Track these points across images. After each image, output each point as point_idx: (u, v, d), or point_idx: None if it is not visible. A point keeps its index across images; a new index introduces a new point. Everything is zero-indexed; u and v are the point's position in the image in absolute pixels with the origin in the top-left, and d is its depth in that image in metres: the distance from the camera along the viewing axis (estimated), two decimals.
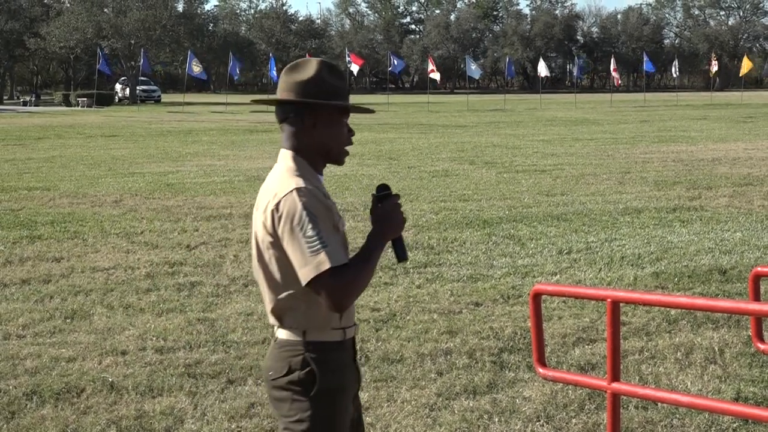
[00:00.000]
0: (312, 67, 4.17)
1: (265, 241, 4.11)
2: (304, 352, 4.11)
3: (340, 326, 4.17)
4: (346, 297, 3.94)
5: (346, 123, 4.23)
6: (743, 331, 9.01)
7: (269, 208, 4.06)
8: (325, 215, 4.01)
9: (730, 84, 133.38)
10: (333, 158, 4.26)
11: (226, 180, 22.65)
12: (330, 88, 4.15)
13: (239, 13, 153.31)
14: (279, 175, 4.15)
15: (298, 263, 3.96)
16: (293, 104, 4.16)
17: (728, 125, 45.82)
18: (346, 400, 4.22)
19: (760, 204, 17.57)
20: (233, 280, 11.63)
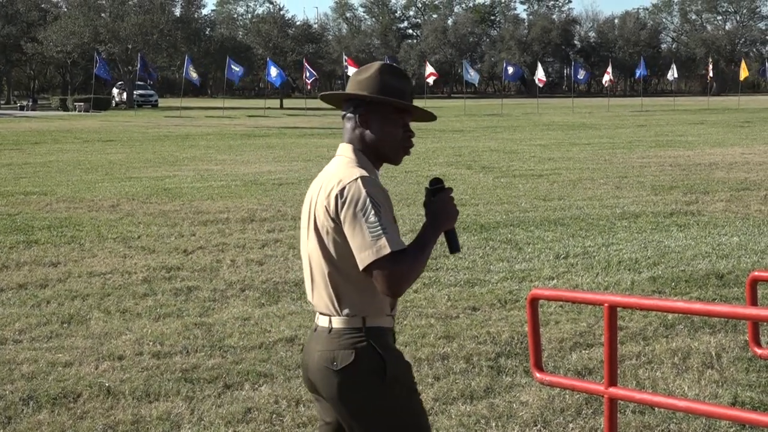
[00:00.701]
0: (372, 68, 4.29)
1: (326, 227, 4.15)
2: (368, 338, 4.15)
3: (390, 313, 4.27)
4: (403, 282, 3.99)
5: (403, 123, 4.27)
6: (740, 335, 9.01)
7: (333, 193, 4.11)
8: (387, 205, 4.07)
9: (727, 88, 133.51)
10: (387, 157, 4.33)
11: (223, 184, 22.65)
12: (385, 87, 4.22)
13: (236, 17, 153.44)
14: (342, 164, 4.25)
15: (358, 247, 4.02)
16: (350, 99, 4.28)
17: (725, 130, 45.85)
18: (413, 382, 4.27)
19: (757, 208, 17.58)
20: (230, 285, 11.62)
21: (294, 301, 10.83)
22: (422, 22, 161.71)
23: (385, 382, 4.12)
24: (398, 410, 4.16)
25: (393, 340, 4.33)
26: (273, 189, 21.60)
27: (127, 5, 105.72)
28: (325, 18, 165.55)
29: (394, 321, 4.33)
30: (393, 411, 4.15)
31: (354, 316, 4.16)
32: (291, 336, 9.28)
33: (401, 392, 4.17)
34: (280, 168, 27.14)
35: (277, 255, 13.51)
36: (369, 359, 4.12)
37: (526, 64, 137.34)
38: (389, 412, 4.15)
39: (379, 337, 4.17)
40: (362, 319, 4.16)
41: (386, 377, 4.12)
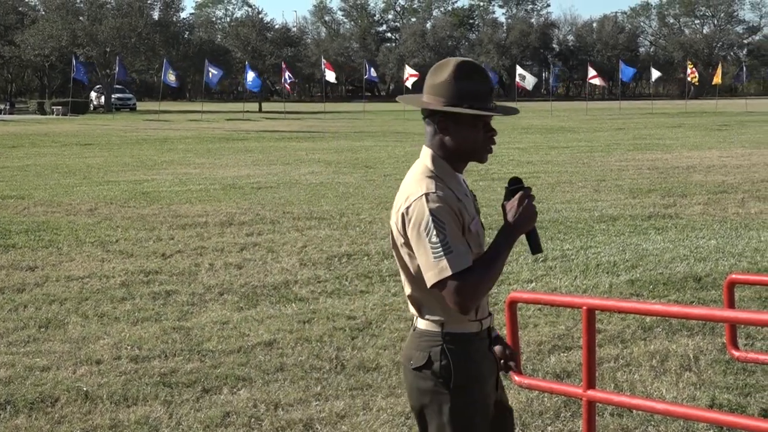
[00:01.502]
0: (447, 70, 4.18)
1: (399, 241, 4.20)
2: (443, 342, 4.18)
3: (476, 318, 4.25)
4: (468, 300, 4.00)
5: (483, 124, 4.19)
6: (718, 338, 9.03)
7: (401, 210, 4.14)
8: (453, 220, 4.05)
9: (704, 92, 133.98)
10: (471, 158, 4.27)
11: (201, 188, 22.60)
12: (461, 93, 4.13)
13: (215, 21, 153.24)
14: (416, 175, 4.22)
15: (423, 267, 4.05)
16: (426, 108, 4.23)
17: (703, 133, 46.02)
18: (484, 389, 4.26)
19: (735, 211, 17.64)
20: (209, 289, 11.60)
21: (272, 304, 10.81)
22: (401, 25, 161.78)
23: (450, 389, 4.17)
24: (455, 421, 4.18)
25: (488, 341, 4.35)
26: (252, 193, 21.57)
27: (105, 8, 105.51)
28: (304, 21, 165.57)
29: (487, 322, 4.34)
30: (450, 420, 4.18)
31: (433, 320, 4.21)
32: (269, 340, 9.27)
33: (464, 404, 4.19)
34: (259, 172, 27.10)
35: (256, 259, 13.49)
36: (439, 364, 4.17)
37: (504, 67, 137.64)
38: (447, 420, 4.18)
39: (456, 343, 4.19)
40: (441, 324, 4.20)
41: (452, 385, 4.16)
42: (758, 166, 27.13)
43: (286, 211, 18.23)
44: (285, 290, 11.53)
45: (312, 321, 10.02)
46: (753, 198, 19.63)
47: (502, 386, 4.51)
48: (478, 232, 4.20)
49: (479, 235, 4.21)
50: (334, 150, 36.61)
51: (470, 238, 4.13)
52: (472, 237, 4.15)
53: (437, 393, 4.18)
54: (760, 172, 25.30)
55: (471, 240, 4.13)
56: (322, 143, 41.30)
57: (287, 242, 14.74)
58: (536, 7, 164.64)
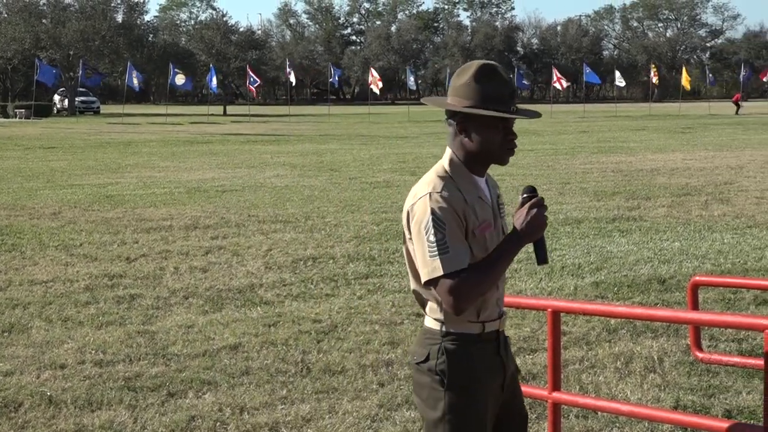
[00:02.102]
0: (469, 72, 4.22)
1: (406, 236, 4.28)
2: (442, 341, 4.24)
3: (477, 320, 4.27)
4: (459, 301, 4.04)
5: (503, 127, 4.20)
6: (682, 339, 9.08)
7: (407, 207, 4.23)
8: (454, 220, 4.09)
9: (668, 95, 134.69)
10: (492, 160, 4.29)
11: (166, 191, 22.53)
12: (482, 95, 4.16)
13: (179, 23, 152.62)
14: (427, 176, 4.27)
15: (419, 264, 4.14)
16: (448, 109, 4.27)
17: (666, 136, 46.28)
18: (481, 392, 4.27)
19: (698, 213, 17.75)
20: (173, 293, 11.56)
21: (238, 308, 10.79)
22: (366, 28, 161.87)
23: (446, 386, 4.22)
24: (449, 419, 4.23)
25: (495, 344, 4.36)
26: (216, 196, 21.52)
27: (69, 11, 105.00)
28: (269, 24, 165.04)
29: (494, 325, 4.33)
30: (443, 417, 4.23)
31: (435, 318, 4.27)
32: (235, 343, 9.24)
33: (459, 403, 4.23)
34: (224, 175, 27.04)
35: (221, 262, 13.46)
36: (436, 362, 4.24)
37: None
38: (440, 417, 4.24)
39: (455, 343, 4.24)
40: (441, 323, 4.25)
41: (446, 383, 4.21)
42: (721, 168, 27.30)
43: (252, 214, 18.20)
44: (250, 294, 11.50)
45: (277, 324, 10.00)
46: (716, 200, 19.75)
47: (514, 392, 4.52)
48: (486, 237, 4.20)
49: (487, 240, 4.21)
50: (299, 153, 36.59)
51: (474, 242, 4.15)
52: (477, 241, 4.16)
53: (433, 389, 4.24)
54: (723, 174, 25.46)
55: (475, 244, 4.15)
56: (287, 146, 41.25)
57: (252, 245, 14.71)
58: (501, 10, 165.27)
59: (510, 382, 4.47)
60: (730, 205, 18.94)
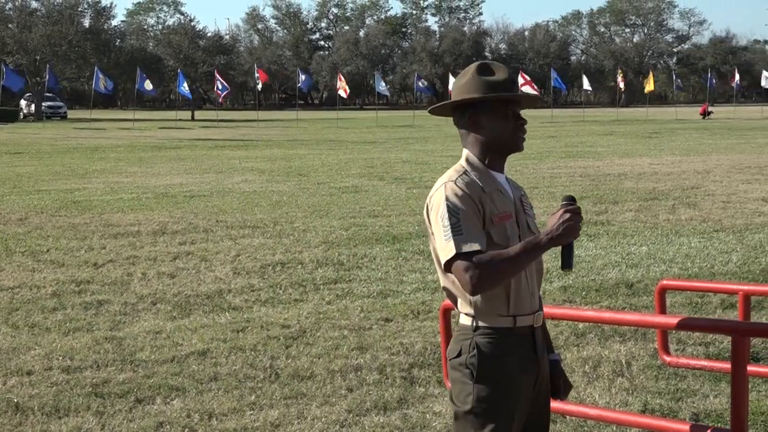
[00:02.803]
0: (470, 70, 4.44)
1: (428, 232, 4.37)
2: (473, 336, 4.30)
3: (508, 314, 4.32)
4: (477, 281, 4.09)
5: (512, 114, 4.37)
6: (650, 343, 9.11)
7: (426, 201, 4.36)
8: (470, 206, 4.20)
9: (635, 100, 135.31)
10: (507, 149, 4.43)
11: (134, 197, 22.44)
12: (484, 85, 4.34)
13: (146, 28, 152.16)
14: (447, 172, 4.37)
15: (438, 250, 4.23)
16: (457, 107, 4.42)
17: (634, 140, 46.51)
18: (511, 386, 4.31)
19: (665, 218, 17.82)
20: (141, 298, 11.51)
21: (206, 314, 10.76)
22: (334, 33, 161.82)
23: (475, 380, 4.26)
24: (477, 412, 4.27)
25: (530, 339, 4.41)
26: (184, 201, 21.46)
27: (35, 16, 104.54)
28: (237, 29, 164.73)
29: (527, 320, 4.38)
30: (473, 410, 4.27)
31: (467, 315, 4.34)
32: (203, 349, 9.22)
33: (487, 396, 4.27)
34: (192, 180, 26.97)
35: (189, 268, 13.42)
36: (467, 356, 4.29)
37: (437, 75, 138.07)
38: (470, 410, 4.28)
39: (487, 337, 4.30)
40: (473, 319, 4.32)
41: (476, 375, 4.26)
42: (688, 173, 27.45)
43: (220, 219, 18.15)
44: (218, 299, 11.48)
45: (246, 330, 9.98)
46: (683, 205, 19.85)
47: (543, 391, 4.54)
48: (506, 226, 4.29)
49: (507, 229, 4.29)
50: (268, 158, 36.53)
51: (493, 229, 4.24)
52: (496, 229, 4.25)
53: (464, 383, 4.29)
54: (690, 179, 25.59)
55: (494, 232, 4.24)
56: (255, 151, 41.18)
57: (220, 251, 14.68)
58: (469, 16, 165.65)
59: (542, 385, 4.51)
60: (697, 210, 19.03)
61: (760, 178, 25.73)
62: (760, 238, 15.46)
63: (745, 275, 12.55)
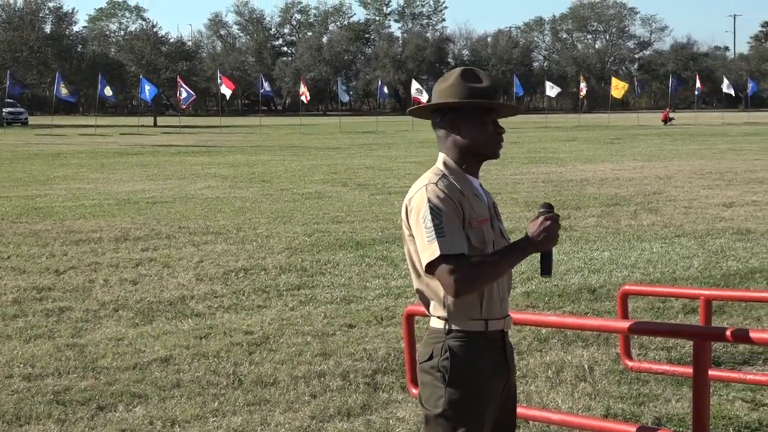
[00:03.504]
0: (454, 74, 4.44)
1: (405, 235, 4.39)
2: (446, 339, 4.32)
3: (481, 317, 4.35)
4: (460, 284, 4.13)
5: (491, 121, 4.44)
6: (612, 348, 9.15)
7: (405, 204, 4.36)
8: (451, 209, 4.22)
9: (597, 106, 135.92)
10: (484, 155, 4.50)
11: (95, 203, 22.32)
12: (467, 90, 4.37)
13: (108, 34, 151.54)
14: (425, 175, 4.40)
15: (420, 251, 4.24)
16: (437, 110, 4.44)
17: (596, 146, 46.72)
18: (482, 390, 4.33)
19: (627, 223, 17.91)
20: (103, 305, 11.45)
21: (169, 320, 10.71)
22: (297, 39, 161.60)
23: (447, 383, 4.28)
24: (449, 414, 4.29)
25: (500, 344, 4.44)
26: (147, 207, 21.37)
27: None
28: (199, 35, 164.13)
29: (498, 325, 4.41)
30: (444, 413, 4.29)
31: (439, 318, 4.36)
32: (166, 356, 9.18)
33: (459, 399, 4.28)
34: (154, 186, 26.86)
35: (152, 274, 13.36)
36: (439, 358, 4.31)
37: (400, 81, 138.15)
38: (441, 413, 4.30)
39: (459, 340, 4.32)
40: (445, 322, 4.34)
41: (447, 379, 4.28)
42: (650, 178, 27.60)
43: (182, 225, 18.09)
44: (181, 306, 11.44)
45: (209, 336, 9.95)
46: (645, 210, 19.96)
47: (510, 398, 4.56)
48: (483, 230, 4.33)
49: (484, 233, 4.33)
50: (231, 164, 36.45)
51: (472, 232, 4.27)
52: (475, 233, 4.28)
53: (435, 387, 4.31)
54: (651, 184, 25.74)
55: (473, 235, 4.27)
56: (218, 157, 41.08)
57: (183, 257, 14.63)
58: (432, 22, 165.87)
59: (511, 390, 4.54)
60: (658, 215, 19.14)
61: (721, 183, 25.92)
62: (721, 243, 15.56)
63: (707, 280, 12.63)
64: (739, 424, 7.22)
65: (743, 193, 23.20)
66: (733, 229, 17.08)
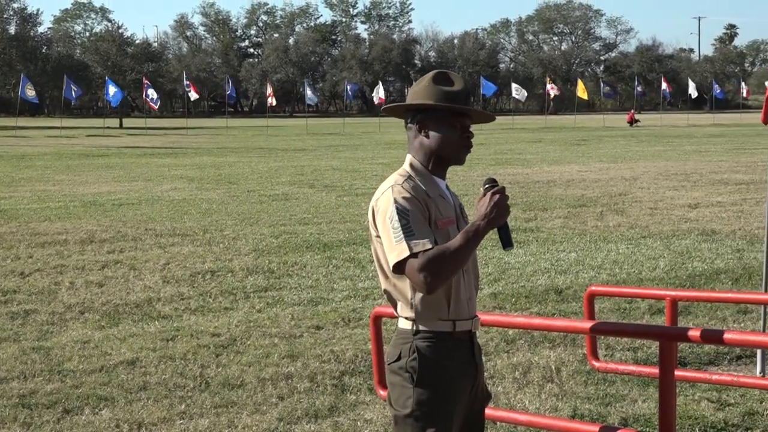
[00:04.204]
0: (427, 77, 4.48)
1: (372, 236, 4.42)
2: (414, 339, 4.35)
3: (448, 318, 4.37)
4: (431, 278, 4.12)
5: (460, 126, 4.43)
6: (579, 349, 9.18)
7: (371, 205, 4.39)
8: (418, 209, 4.25)
9: (563, 107, 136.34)
10: (449, 160, 4.48)
11: (61, 205, 22.21)
12: (439, 93, 4.39)
13: (74, 35, 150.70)
14: (391, 176, 4.43)
15: (387, 251, 4.25)
16: (409, 110, 4.46)
17: (562, 148, 46.89)
18: (451, 391, 4.36)
19: (594, 224, 17.98)
20: (69, 308, 11.39)
21: (135, 323, 10.67)
22: (263, 41, 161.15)
23: (415, 383, 4.30)
24: (417, 415, 4.30)
25: (468, 344, 4.46)
26: (113, 210, 21.28)
27: None
28: (165, 37, 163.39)
29: (466, 325, 4.42)
30: (413, 413, 4.30)
31: (407, 319, 4.39)
32: (132, 358, 9.14)
33: (428, 399, 4.30)
34: (120, 188, 26.75)
35: (118, 276, 13.31)
36: (407, 360, 4.33)
37: (367, 83, 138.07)
38: (410, 413, 4.31)
39: (427, 341, 4.35)
40: (413, 323, 4.37)
41: (416, 379, 4.30)
42: (616, 179, 27.73)
43: (149, 227, 18.03)
44: (148, 308, 11.39)
45: (175, 338, 9.91)
46: (611, 211, 20.05)
47: (478, 398, 4.58)
48: (449, 231, 4.35)
49: (450, 234, 4.33)
50: (197, 166, 36.35)
51: (437, 233, 4.29)
52: (440, 234, 4.31)
53: (404, 387, 4.33)
54: (617, 185, 25.86)
55: (438, 236, 4.28)
56: (184, 159, 40.96)
57: (150, 259, 14.57)
58: (398, 23, 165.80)
59: (479, 390, 4.57)
60: (624, 216, 19.23)
61: (686, 184, 26.07)
62: (686, 243, 15.65)
63: (672, 281, 12.70)
64: (705, 423, 7.26)
65: (708, 194, 23.35)
66: (699, 230, 17.19)
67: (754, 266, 13.44)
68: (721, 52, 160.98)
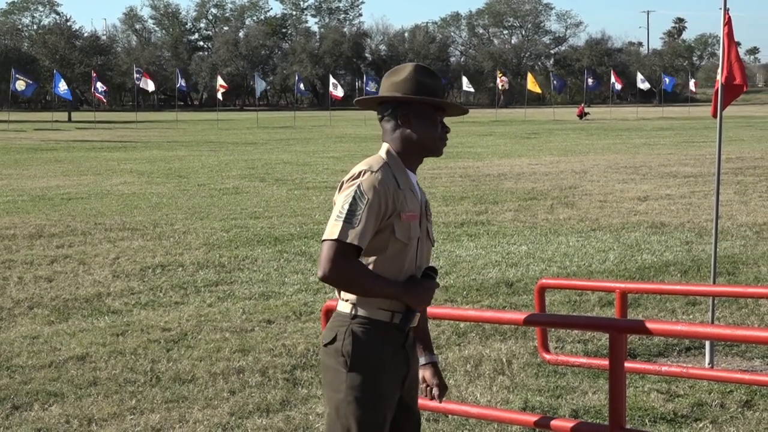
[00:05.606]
0: (407, 69, 4.50)
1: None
2: (350, 323, 4.36)
3: (388, 308, 4.38)
4: (329, 269, 4.15)
5: (439, 120, 4.53)
6: (530, 342, 9.22)
7: (343, 179, 4.37)
8: (378, 200, 4.24)
9: (514, 101, 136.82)
10: (430, 151, 4.57)
11: (9, 200, 22.02)
12: (421, 87, 4.44)
13: (21, 28, 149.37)
14: (365, 160, 4.43)
15: (328, 224, 4.25)
16: (390, 102, 4.47)
17: (513, 141, 47.07)
18: (384, 378, 4.38)
19: (544, 218, 18.07)
20: (17, 303, 11.30)
21: (85, 318, 10.60)
22: (213, 34, 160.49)
23: (350, 368, 4.31)
24: (350, 401, 4.31)
25: (402, 336, 4.46)
26: (62, 204, 21.12)
27: None
28: (114, 30, 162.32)
29: (399, 318, 4.40)
30: (345, 399, 4.32)
31: (346, 302, 4.39)
32: (82, 354, 9.08)
33: (361, 386, 4.31)
34: (69, 182, 26.55)
35: (67, 271, 13.21)
36: (342, 343, 4.34)
37: (318, 76, 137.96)
38: (343, 398, 4.32)
39: (363, 326, 4.35)
40: (352, 306, 4.37)
41: (349, 364, 4.30)
42: (566, 173, 27.87)
43: (98, 222, 17.91)
44: (97, 303, 11.32)
45: (126, 333, 9.86)
46: (561, 204, 20.15)
47: (414, 395, 4.64)
48: (411, 225, 4.36)
49: (411, 228, 4.36)
50: (147, 160, 36.15)
51: (399, 224, 4.31)
52: (402, 225, 4.32)
53: (337, 371, 4.35)
54: (567, 179, 25.99)
55: (399, 227, 4.31)
56: (134, 153, 40.72)
57: (99, 254, 14.48)
58: (348, 17, 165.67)
59: (412, 382, 4.60)
60: (575, 209, 19.33)
61: (636, 177, 26.24)
62: (635, 236, 15.76)
63: (622, 273, 12.78)
64: (655, 414, 7.31)
65: (657, 187, 23.52)
66: (648, 222, 17.31)
67: (703, 258, 13.56)
68: (670, 46, 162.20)
